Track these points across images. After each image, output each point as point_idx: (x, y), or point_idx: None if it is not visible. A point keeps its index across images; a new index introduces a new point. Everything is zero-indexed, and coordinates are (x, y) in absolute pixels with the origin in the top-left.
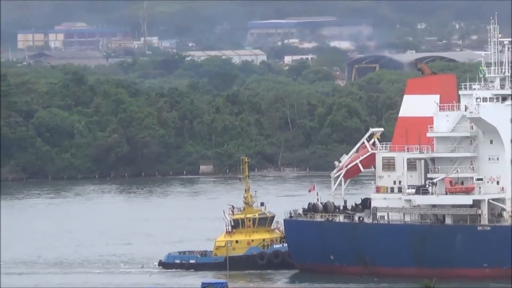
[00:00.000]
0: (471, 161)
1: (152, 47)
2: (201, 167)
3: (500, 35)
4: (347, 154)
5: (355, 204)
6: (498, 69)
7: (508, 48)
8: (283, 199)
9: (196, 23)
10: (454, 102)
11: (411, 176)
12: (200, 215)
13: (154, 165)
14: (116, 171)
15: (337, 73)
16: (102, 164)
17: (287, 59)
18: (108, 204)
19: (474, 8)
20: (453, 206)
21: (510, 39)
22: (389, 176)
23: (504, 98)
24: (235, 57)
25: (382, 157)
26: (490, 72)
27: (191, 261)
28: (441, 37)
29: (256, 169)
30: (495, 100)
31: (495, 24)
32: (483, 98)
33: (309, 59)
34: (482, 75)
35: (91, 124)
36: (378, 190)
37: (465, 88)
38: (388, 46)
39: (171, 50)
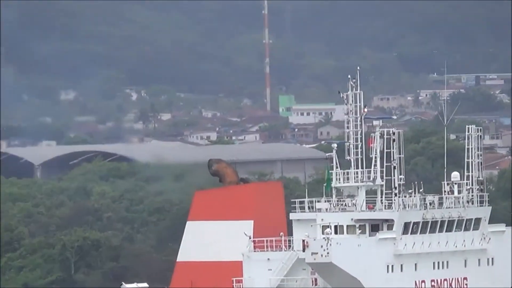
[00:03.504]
0: None
1: None
2: None
3: (365, 110)
4: None
5: None
6: (363, 173)
7: (381, 133)
8: None
9: None
10: (281, 233)
11: None
12: None
13: None
14: None
15: None
16: None
17: None
18: None
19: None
20: None
21: (380, 119)
22: None
23: (375, 227)
24: None
25: None
26: (346, 179)
27: None
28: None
29: None
30: (358, 231)
31: (357, 89)
32: (336, 227)
33: None
34: (327, 187)
35: None
36: None
37: (302, 209)
38: None
39: None
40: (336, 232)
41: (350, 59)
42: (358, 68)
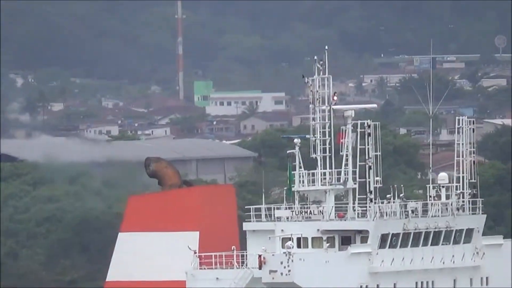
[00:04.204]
0: None
1: None
2: None
3: (334, 98)
4: None
5: None
6: (332, 174)
7: (354, 126)
8: None
9: None
10: (233, 247)
11: None
12: None
13: None
14: None
15: None
16: None
17: None
18: None
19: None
20: None
21: (352, 108)
22: None
23: (346, 239)
24: None
25: None
26: (312, 182)
27: None
28: None
29: None
30: (325, 244)
31: (325, 73)
32: (299, 239)
33: None
34: (289, 191)
35: None
36: None
37: (259, 218)
38: None
39: None
40: (299, 246)
41: (280, 38)
42: (326, 48)
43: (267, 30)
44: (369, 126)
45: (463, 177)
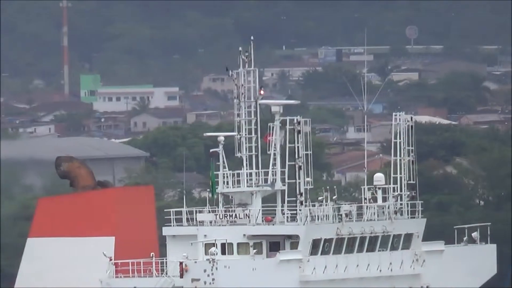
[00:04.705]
0: None
1: None
2: None
3: (261, 92)
4: None
5: None
6: (259, 175)
7: (282, 123)
8: None
9: None
10: (152, 254)
11: None
12: None
13: None
14: None
15: None
16: None
17: None
18: None
19: None
20: None
21: (279, 104)
22: None
23: (274, 245)
24: None
25: None
26: (237, 183)
27: None
28: None
29: None
30: (252, 250)
31: (250, 66)
32: (223, 245)
33: None
34: (212, 193)
35: None
36: None
37: (179, 222)
38: None
39: None
40: (223, 252)
41: (172, 27)
42: (252, 38)
43: (158, 19)
44: (299, 123)
45: (401, 178)
